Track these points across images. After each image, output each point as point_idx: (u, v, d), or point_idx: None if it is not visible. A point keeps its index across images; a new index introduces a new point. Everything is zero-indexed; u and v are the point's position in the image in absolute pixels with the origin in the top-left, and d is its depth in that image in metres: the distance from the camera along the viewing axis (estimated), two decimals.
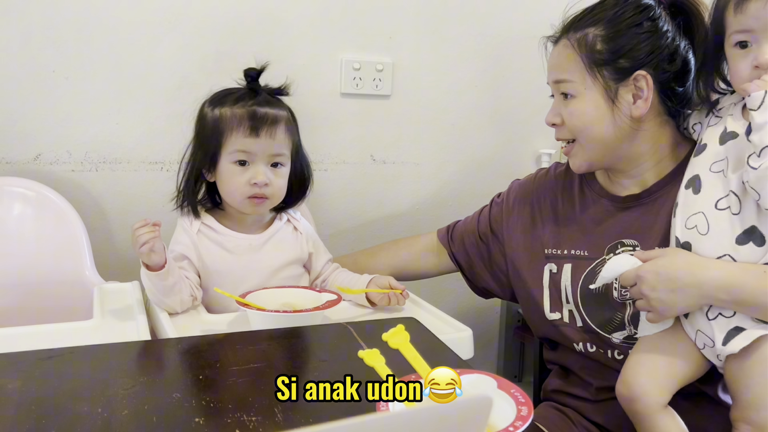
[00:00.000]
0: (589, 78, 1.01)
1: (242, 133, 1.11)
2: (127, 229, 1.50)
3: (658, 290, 0.88)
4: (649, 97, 0.99)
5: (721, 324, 0.87)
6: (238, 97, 1.15)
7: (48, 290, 1.32)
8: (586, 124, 1.02)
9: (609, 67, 1.00)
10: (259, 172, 1.12)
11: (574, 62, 1.02)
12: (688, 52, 1.02)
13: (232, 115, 1.13)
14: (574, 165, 1.08)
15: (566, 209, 1.14)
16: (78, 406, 0.71)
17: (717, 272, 0.85)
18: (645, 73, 0.99)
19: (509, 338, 1.91)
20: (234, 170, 1.13)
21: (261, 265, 1.17)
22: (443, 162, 1.76)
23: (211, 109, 1.15)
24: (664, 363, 0.92)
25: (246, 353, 0.87)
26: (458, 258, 1.31)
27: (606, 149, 1.03)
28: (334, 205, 1.38)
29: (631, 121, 1.01)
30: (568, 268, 1.09)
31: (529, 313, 1.18)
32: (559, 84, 1.05)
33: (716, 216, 0.87)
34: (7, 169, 1.39)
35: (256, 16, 1.50)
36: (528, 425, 0.64)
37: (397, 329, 0.78)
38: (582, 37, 1.02)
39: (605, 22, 1.01)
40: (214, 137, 1.13)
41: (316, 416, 0.71)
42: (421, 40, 1.66)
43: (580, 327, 1.08)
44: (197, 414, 0.70)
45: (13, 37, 1.35)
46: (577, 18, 1.05)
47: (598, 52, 1.00)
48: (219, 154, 1.13)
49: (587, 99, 1.02)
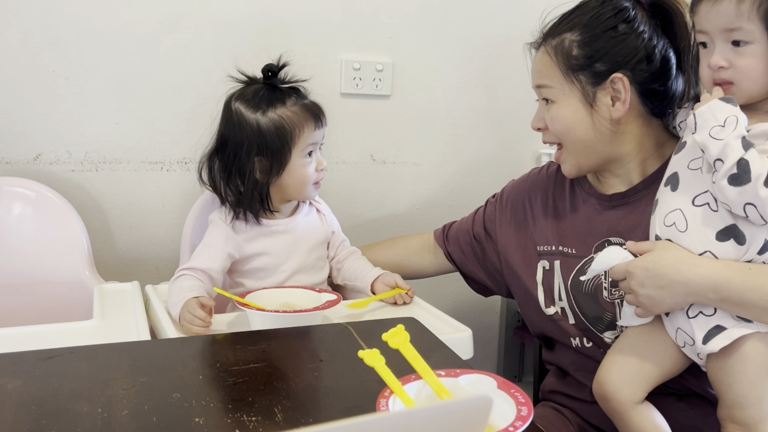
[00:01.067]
0: (566, 83, 1.02)
1: (310, 128, 1.19)
2: (127, 229, 1.51)
3: (646, 286, 0.88)
4: (627, 99, 1.00)
5: (701, 322, 0.87)
6: (275, 97, 1.18)
7: (48, 290, 1.32)
8: (567, 128, 1.04)
9: (585, 72, 1.01)
10: (321, 159, 1.23)
11: (551, 68, 1.03)
12: (668, 51, 1.02)
13: (293, 114, 1.18)
14: (565, 170, 1.09)
15: (557, 206, 1.15)
16: (78, 406, 0.71)
17: (704, 270, 0.85)
18: (621, 75, 0.99)
19: (509, 338, 1.91)
20: (306, 162, 1.20)
21: (298, 245, 1.24)
22: (443, 162, 1.77)
23: (261, 113, 1.17)
24: (637, 362, 0.93)
25: (246, 353, 0.87)
26: (453, 257, 1.32)
27: (590, 152, 1.04)
28: (334, 205, 1.38)
29: (611, 123, 1.02)
30: (558, 266, 1.11)
31: (526, 309, 1.19)
32: (540, 89, 1.07)
33: (694, 212, 0.87)
34: (7, 169, 1.39)
35: (256, 16, 1.50)
36: (528, 425, 0.64)
37: (397, 329, 0.78)
38: (558, 44, 1.03)
39: (581, 27, 1.02)
40: (282, 139, 1.17)
41: (316, 416, 0.71)
42: (421, 40, 1.67)
43: (573, 324, 1.09)
44: (197, 414, 0.70)
45: (13, 37, 1.35)
46: (554, 24, 1.06)
47: (575, 57, 1.01)
48: (289, 155, 1.18)
49: (566, 104, 1.03)
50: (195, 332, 1.02)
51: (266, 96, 1.18)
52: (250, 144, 1.17)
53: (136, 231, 1.51)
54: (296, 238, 1.24)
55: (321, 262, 1.28)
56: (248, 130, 1.17)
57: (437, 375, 0.74)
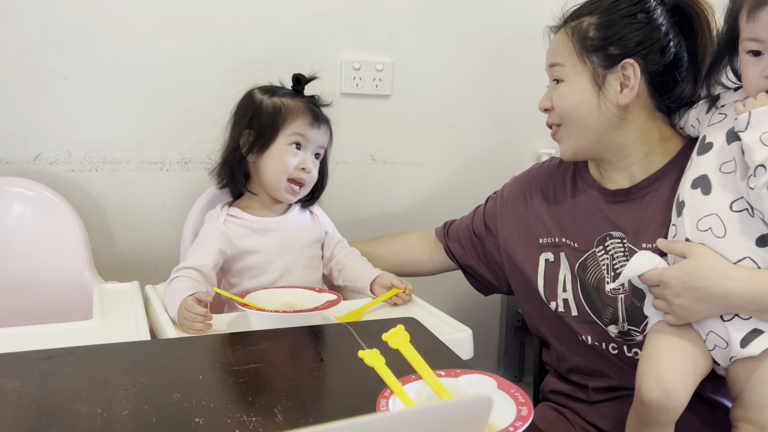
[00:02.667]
0: (579, 63, 1.03)
1: (305, 121, 1.22)
2: (127, 229, 1.51)
3: (682, 297, 0.86)
4: (635, 86, 1.00)
5: (738, 326, 0.85)
6: (291, 93, 1.26)
7: (48, 290, 1.32)
8: (572, 107, 1.04)
9: (599, 53, 1.02)
10: (307, 159, 1.24)
11: (566, 48, 1.05)
12: (682, 49, 1.02)
13: (295, 104, 1.23)
14: (561, 150, 1.09)
15: (558, 197, 1.15)
16: (78, 406, 0.71)
17: (744, 284, 0.83)
18: (633, 61, 1.00)
19: (509, 338, 1.91)
20: (288, 150, 1.22)
21: (289, 243, 1.25)
22: (443, 162, 1.77)
23: (268, 97, 1.24)
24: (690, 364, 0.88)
25: (246, 353, 0.87)
26: (454, 253, 1.33)
27: (590, 135, 1.04)
28: (334, 205, 1.38)
29: (617, 109, 1.02)
30: (564, 256, 1.11)
31: (526, 305, 1.19)
32: (552, 68, 1.07)
33: (732, 218, 0.85)
34: (7, 169, 1.39)
35: (256, 16, 1.50)
36: (528, 425, 0.64)
37: (397, 329, 0.78)
38: (577, 25, 1.04)
39: (601, 11, 1.03)
40: (274, 119, 1.22)
41: (316, 416, 0.71)
42: (421, 40, 1.66)
43: (575, 316, 1.08)
44: (197, 414, 0.70)
45: (13, 37, 1.35)
46: (576, 9, 1.07)
47: (590, 38, 1.02)
48: (275, 136, 1.22)
49: (575, 82, 1.04)
50: (197, 330, 1.02)
51: (285, 91, 1.26)
52: (245, 115, 1.25)
53: (136, 231, 1.51)
54: (287, 236, 1.25)
55: (314, 261, 1.28)
56: (250, 104, 1.25)
57: (437, 375, 0.74)
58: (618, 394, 1.05)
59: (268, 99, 1.24)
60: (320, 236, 1.31)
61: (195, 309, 1.02)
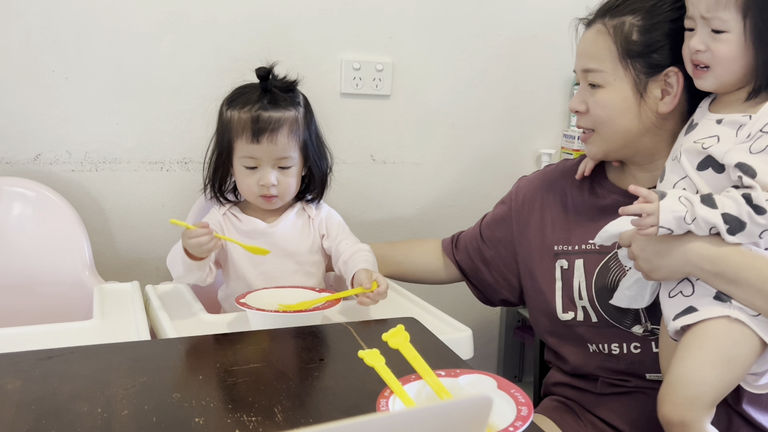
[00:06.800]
0: (620, 68, 1.00)
1: (246, 140, 1.16)
2: (127, 229, 1.51)
3: (646, 251, 0.89)
4: (678, 94, 0.98)
5: (677, 302, 0.88)
6: (247, 99, 1.19)
7: (48, 290, 1.32)
8: (612, 116, 1.02)
9: (642, 59, 0.99)
10: (265, 175, 1.18)
11: (607, 50, 1.00)
12: None
13: (238, 120, 1.17)
14: (590, 152, 1.08)
15: (576, 205, 1.13)
16: (78, 406, 0.71)
17: (704, 242, 0.85)
18: (677, 70, 0.97)
19: (509, 338, 1.91)
20: (244, 172, 1.19)
21: (273, 248, 1.20)
22: (443, 162, 1.76)
23: (225, 109, 1.21)
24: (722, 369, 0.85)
25: (246, 353, 0.87)
26: (462, 265, 1.30)
27: (626, 141, 1.03)
28: (334, 205, 1.38)
29: (656, 117, 1.00)
30: (581, 264, 1.08)
31: (538, 315, 1.16)
32: (587, 73, 1.03)
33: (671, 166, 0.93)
34: (7, 169, 1.39)
35: (256, 16, 1.50)
36: (528, 425, 0.64)
37: (397, 329, 0.78)
38: (619, 24, 1.00)
39: (643, 13, 0.99)
40: (227, 139, 1.20)
41: (316, 416, 0.71)
42: (421, 40, 1.66)
43: (595, 323, 1.06)
44: (197, 414, 0.70)
45: (13, 37, 1.35)
46: (614, 3, 1.02)
47: (634, 43, 0.99)
48: (231, 155, 1.20)
49: (616, 90, 1.01)
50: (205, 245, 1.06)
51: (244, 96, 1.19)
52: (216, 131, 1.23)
53: (136, 231, 1.51)
54: (273, 243, 1.21)
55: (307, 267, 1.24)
56: (219, 114, 1.22)
57: (437, 375, 0.74)
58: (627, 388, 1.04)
59: (226, 111, 1.20)
60: (315, 242, 1.25)
61: (195, 231, 1.06)
